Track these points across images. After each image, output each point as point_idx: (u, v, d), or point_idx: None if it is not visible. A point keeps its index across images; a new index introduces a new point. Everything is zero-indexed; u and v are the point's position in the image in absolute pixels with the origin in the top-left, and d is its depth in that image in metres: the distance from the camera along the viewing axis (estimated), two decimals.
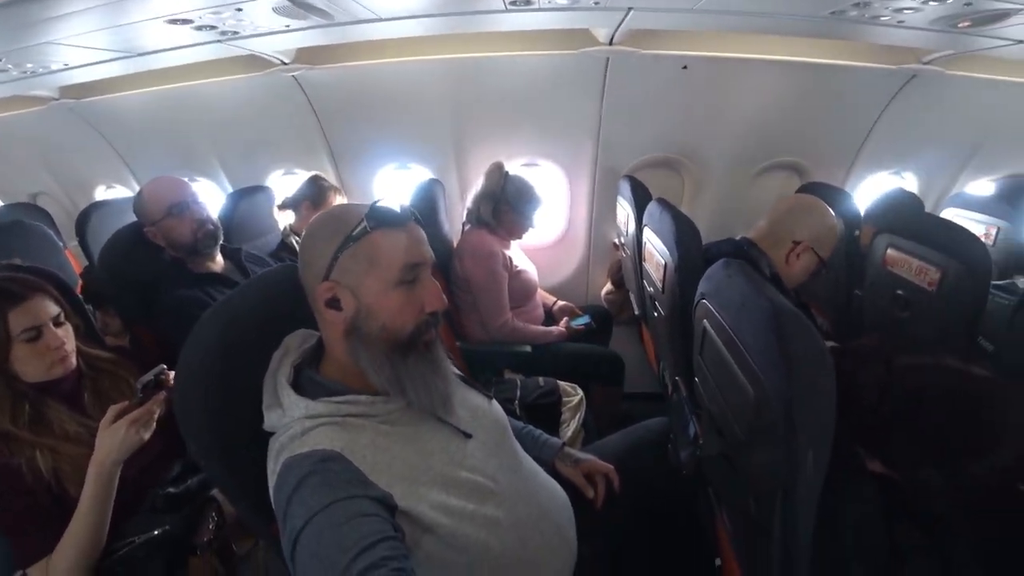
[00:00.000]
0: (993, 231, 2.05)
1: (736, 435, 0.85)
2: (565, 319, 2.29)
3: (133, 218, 1.63)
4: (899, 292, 1.51)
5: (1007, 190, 2.20)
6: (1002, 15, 1.30)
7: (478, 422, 0.96)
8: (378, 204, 0.83)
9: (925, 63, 1.97)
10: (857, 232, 2.01)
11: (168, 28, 1.25)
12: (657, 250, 1.55)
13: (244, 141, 2.47)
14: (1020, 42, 1.53)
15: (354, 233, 0.81)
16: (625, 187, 2.06)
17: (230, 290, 1.58)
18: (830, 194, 1.96)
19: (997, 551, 0.86)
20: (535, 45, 1.97)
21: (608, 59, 1.95)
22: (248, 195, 2.23)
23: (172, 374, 1.15)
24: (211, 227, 1.59)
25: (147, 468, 1.18)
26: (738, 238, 1.56)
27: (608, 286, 2.64)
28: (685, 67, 1.99)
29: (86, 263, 2.29)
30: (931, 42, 1.67)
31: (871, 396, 0.80)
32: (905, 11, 1.29)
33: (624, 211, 2.10)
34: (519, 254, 2.24)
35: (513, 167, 2.15)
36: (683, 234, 1.37)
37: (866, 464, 0.83)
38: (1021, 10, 1.25)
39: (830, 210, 1.48)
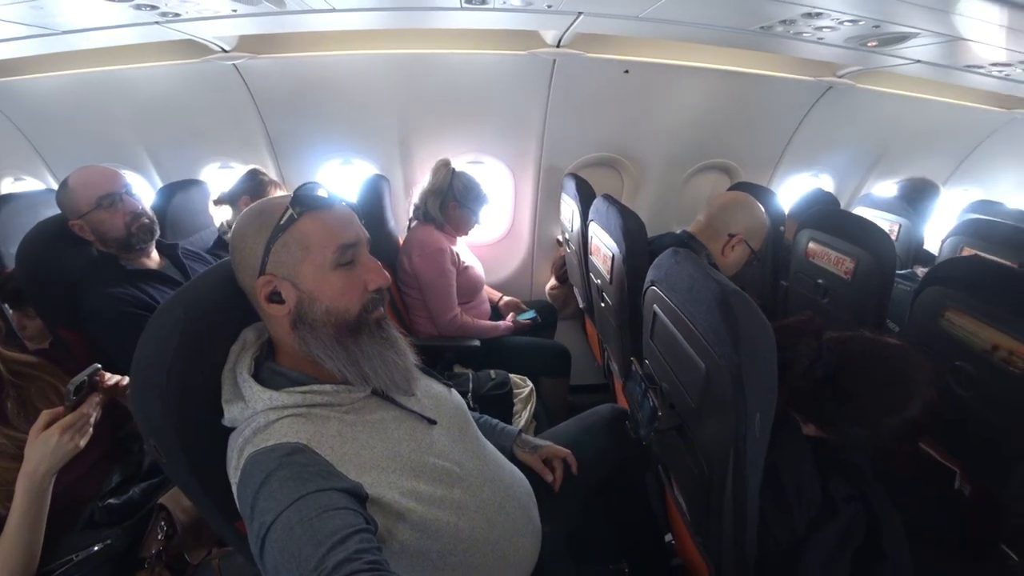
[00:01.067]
0: (896, 227, 2.29)
1: (689, 405, 0.92)
2: (512, 314, 2.34)
3: (48, 213, 1.51)
4: (820, 281, 1.67)
5: (907, 191, 2.45)
6: (902, 37, 1.48)
7: (441, 409, 0.97)
8: (301, 189, 0.82)
9: (839, 76, 2.18)
10: (782, 227, 2.19)
11: (101, 5, 1.15)
12: (604, 243, 1.62)
13: (176, 132, 2.31)
14: (918, 61, 1.74)
15: (282, 222, 0.80)
16: (570, 184, 2.13)
17: (168, 287, 1.53)
18: (757, 193, 2.10)
19: (905, 491, 1.00)
20: (483, 44, 1.99)
21: (555, 61, 2.01)
22: (181, 189, 2.11)
23: (107, 375, 1.08)
24: (147, 220, 1.50)
25: (83, 478, 1.11)
26: (679, 232, 1.66)
27: (552, 281, 2.71)
28: (627, 71, 2.08)
29: None
30: (845, 58, 1.87)
31: (803, 364, 0.90)
32: (824, 29, 1.45)
33: (569, 207, 2.16)
34: (465, 250, 2.26)
35: (459, 164, 2.16)
36: (629, 227, 1.44)
37: (801, 427, 0.94)
38: (918, 34, 1.43)
39: (760, 206, 1.61)
